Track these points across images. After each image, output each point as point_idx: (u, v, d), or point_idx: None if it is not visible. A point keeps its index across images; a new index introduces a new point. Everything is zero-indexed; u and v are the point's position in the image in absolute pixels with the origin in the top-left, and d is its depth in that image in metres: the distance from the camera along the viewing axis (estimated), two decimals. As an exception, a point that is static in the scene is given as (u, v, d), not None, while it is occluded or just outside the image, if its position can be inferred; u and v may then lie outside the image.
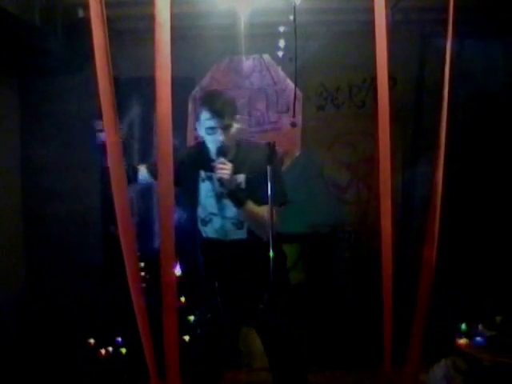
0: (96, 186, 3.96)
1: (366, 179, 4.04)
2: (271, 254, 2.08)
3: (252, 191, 2.23)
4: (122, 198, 1.69)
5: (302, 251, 3.85)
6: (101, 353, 3.29)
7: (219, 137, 2.22)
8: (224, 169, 2.16)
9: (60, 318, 3.56)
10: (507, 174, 3.76)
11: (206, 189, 2.34)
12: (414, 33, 3.86)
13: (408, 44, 3.84)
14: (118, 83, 1.70)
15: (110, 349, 3.31)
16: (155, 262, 1.73)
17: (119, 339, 3.34)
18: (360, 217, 4.03)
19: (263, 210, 2.20)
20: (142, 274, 3.22)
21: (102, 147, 2.09)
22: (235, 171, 2.21)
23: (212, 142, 2.27)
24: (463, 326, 3.01)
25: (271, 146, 2.14)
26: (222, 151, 2.23)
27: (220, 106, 2.22)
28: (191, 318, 3.25)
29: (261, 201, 2.20)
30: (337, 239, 4.07)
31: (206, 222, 2.37)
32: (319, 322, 3.62)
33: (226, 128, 2.23)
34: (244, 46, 3.15)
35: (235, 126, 2.28)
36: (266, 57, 3.28)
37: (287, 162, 3.32)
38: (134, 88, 3.79)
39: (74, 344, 3.35)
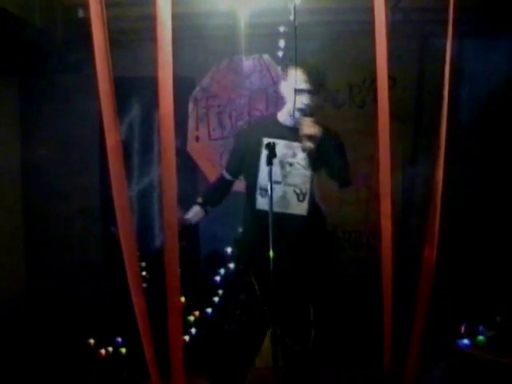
0: (96, 186, 3.96)
1: (366, 179, 4.03)
2: (271, 254, 2.07)
3: (320, 164, 2.28)
4: (122, 198, 1.69)
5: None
6: (101, 353, 3.29)
7: (305, 99, 2.28)
8: (314, 127, 2.20)
9: (60, 318, 3.56)
10: (507, 174, 3.76)
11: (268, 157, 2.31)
12: (414, 33, 3.85)
13: (408, 44, 3.84)
14: (118, 83, 1.70)
15: (110, 349, 3.31)
16: (156, 262, 1.73)
17: (119, 339, 3.34)
18: (360, 217, 4.03)
19: (329, 185, 2.27)
20: (143, 273, 3.22)
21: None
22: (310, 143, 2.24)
23: (297, 103, 2.29)
24: (463, 326, 3.01)
25: (271, 146, 2.15)
26: (306, 112, 2.28)
27: (315, 71, 2.31)
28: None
29: (328, 172, 2.27)
30: (337, 239, 4.08)
31: (266, 191, 2.27)
32: (319, 321, 3.61)
33: (313, 93, 2.30)
34: (244, 46, 3.16)
35: (317, 98, 2.34)
36: (266, 57, 3.29)
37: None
38: (135, 88, 3.79)
39: (73, 344, 3.35)
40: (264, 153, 2.26)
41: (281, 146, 2.28)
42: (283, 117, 2.40)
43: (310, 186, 2.32)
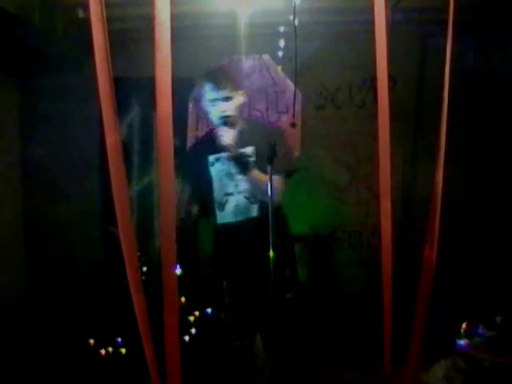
0: (96, 185, 3.96)
1: (366, 179, 4.03)
2: (271, 253, 2.07)
3: (261, 163, 2.27)
4: (122, 197, 1.69)
5: (302, 251, 3.85)
6: (101, 353, 3.29)
7: (221, 107, 2.32)
8: (229, 136, 2.26)
9: (60, 318, 3.56)
10: (508, 174, 3.76)
11: (216, 171, 2.39)
12: (414, 33, 3.86)
13: (408, 44, 3.84)
14: (118, 83, 1.70)
15: (110, 349, 3.31)
16: (155, 262, 1.73)
17: (119, 339, 3.34)
18: (360, 217, 4.03)
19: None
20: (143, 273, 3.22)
21: None
22: (244, 143, 2.30)
23: (216, 114, 2.34)
24: (463, 326, 3.01)
25: (271, 147, 2.15)
26: (225, 121, 2.32)
27: (220, 78, 2.33)
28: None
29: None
30: (337, 239, 4.08)
31: (222, 205, 2.40)
32: (319, 321, 3.61)
33: (226, 99, 2.33)
34: (244, 46, 3.15)
35: (236, 100, 2.37)
36: (266, 57, 3.28)
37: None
38: (134, 88, 3.79)
39: (74, 344, 3.35)
40: (215, 166, 2.36)
41: (223, 160, 2.35)
42: (218, 131, 2.42)
43: (258, 185, 2.33)
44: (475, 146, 3.82)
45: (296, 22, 2.39)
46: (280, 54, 3.33)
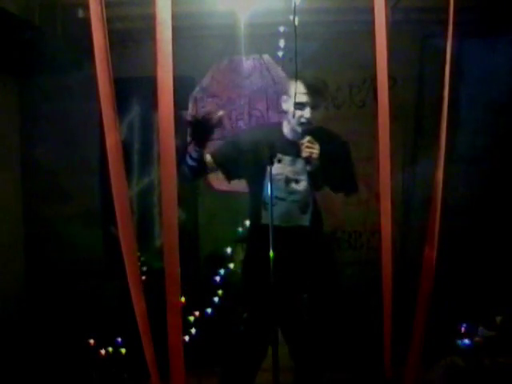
0: (96, 185, 3.95)
1: (366, 179, 4.03)
2: (271, 253, 2.07)
3: (322, 175, 2.25)
4: (121, 197, 1.69)
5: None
6: (101, 353, 3.29)
7: (307, 114, 2.23)
8: (313, 148, 2.15)
9: (60, 318, 3.56)
10: (508, 174, 3.76)
11: (274, 171, 2.24)
12: (414, 33, 3.85)
13: (408, 44, 3.83)
14: (118, 83, 1.70)
15: (110, 349, 3.31)
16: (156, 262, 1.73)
17: (119, 339, 3.34)
18: (360, 217, 4.02)
19: (333, 197, 2.29)
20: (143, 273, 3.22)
21: None
22: (297, 152, 2.23)
23: (298, 118, 2.24)
24: (463, 326, 3.01)
25: (271, 146, 2.15)
26: (307, 130, 2.23)
27: (316, 85, 2.26)
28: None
29: (332, 187, 2.30)
30: (337, 239, 4.07)
31: (270, 207, 2.28)
32: (319, 322, 3.61)
33: (315, 107, 2.25)
34: (244, 46, 3.15)
35: (322, 111, 2.32)
36: (266, 57, 3.29)
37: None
38: (135, 88, 3.79)
39: (73, 344, 3.35)
40: (276, 167, 2.25)
41: (286, 163, 2.27)
42: (287, 130, 2.36)
43: (313, 197, 2.33)
44: (475, 145, 3.82)
45: (296, 22, 2.38)
46: (280, 54, 3.33)
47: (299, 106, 2.23)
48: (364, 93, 4.03)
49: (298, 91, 2.22)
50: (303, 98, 2.22)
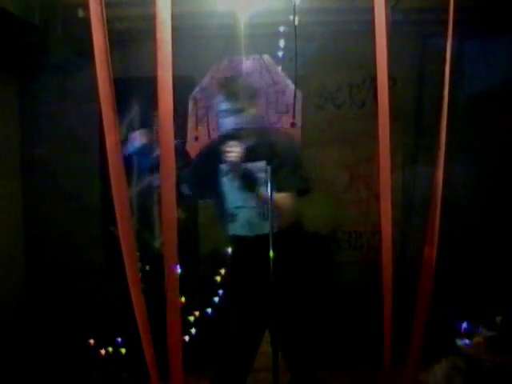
0: (96, 185, 3.96)
1: (366, 179, 4.04)
2: (271, 253, 2.07)
3: (277, 178, 2.17)
4: (121, 197, 1.69)
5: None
6: (101, 353, 3.29)
7: (231, 120, 2.21)
8: (232, 152, 2.11)
9: (60, 318, 3.56)
10: (508, 173, 3.77)
11: (228, 182, 2.27)
12: (414, 33, 3.85)
13: (408, 44, 3.84)
14: (118, 83, 1.70)
15: (110, 349, 3.31)
16: (156, 262, 1.73)
17: (119, 339, 3.34)
18: (360, 217, 4.03)
19: (281, 197, 2.16)
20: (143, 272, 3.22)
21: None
22: (256, 158, 2.19)
23: (225, 126, 2.24)
24: (463, 326, 3.01)
25: (271, 147, 2.15)
26: (234, 135, 2.19)
27: (233, 89, 2.23)
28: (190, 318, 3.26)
29: (282, 188, 2.17)
30: (337, 239, 4.08)
31: (233, 217, 2.31)
32: (319, 322, 3.61)
33: (238, 111, 2.21)
34: (244, 46, 3.15)
35: (250, 111, 2.26)
36: (266, 57, 3.28)
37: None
38: (135, 88, 3.79)
39: (74, 344, 3.35)
40: (224, 179, 2.27)
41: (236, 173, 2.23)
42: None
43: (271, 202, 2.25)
44: (475, 145, 3.82)
45: (296, 22, 2.38)
46: (280, 54, 3.33)
47: (224, 114, 2.23)
48: (364, 93, 4.03)
49: (218, 100, 2.25)
50: (224, 106, 2.23)
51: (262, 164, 2.20)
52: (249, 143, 2.20)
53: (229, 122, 2.22)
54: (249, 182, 2.15)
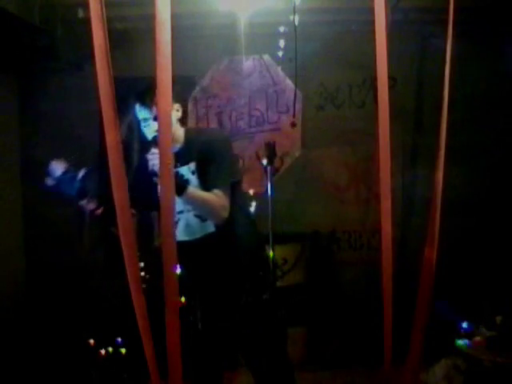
0: (96, 185, 3.95)
1: (366, 179, 4.04)
2: (271, 253, 2.08)
3: (204, 177, 2.18)
4: (122, 197, 1.69)
5: (301, 251, 3.85)
6: (101, 353, 3.29)
7: (152, 127, 2.20)
8: (154, 159, 2.12)
9: (60, 318, 3.56)
10: (507, 173, 3.77)
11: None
12: (414, 33, 3.86)
13: (408, 44, 3.84)
14: (118, 83, 1.70)
15: (110, 349, 3.31)
16: (155, 262, 1.73)
17: (119, 339, 3.34)
18: (360, 217, 4.03)
19: (208, 194, 2.15)
20: (142, 273, 3.22)
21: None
22: (185, 160, 2.19)
23: (148, 135, 2.24)
24: (463, 326, 3.01)
25: (271, 146, 2.15)
26: (154, 141, 2.17)
27: (148, 97, 2.22)
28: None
29: (212, 186, 2.16)
30: (337, 239, 4.08)
31: (175, 224, 2.25)
32: (319, 321, 3.62)
33: (156, 118, 2.18)
34: (244, 46, 3.15)
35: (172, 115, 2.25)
36: (266, 57, 3.29)
37: (287, 162, 3.32)
38: (135, 88, 3.78)
39: (73, 344, 3.35)
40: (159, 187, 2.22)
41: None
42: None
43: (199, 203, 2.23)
44: (475, 145, 3.82)
45: (296, 22, 2.39)
46: (280, 54, 3.33)
47: (143, 122, 2.25)
48: (364, 93, 4.03)
49: (137, 110, 2.27)
50: (142, 114, 2.26)
51: (192, 165, 2.20)
52: (178, 147, 2.21)
53: (150, 130, 2.22)
54: (177, 186, 2.08)
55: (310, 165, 3.94)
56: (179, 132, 2.27)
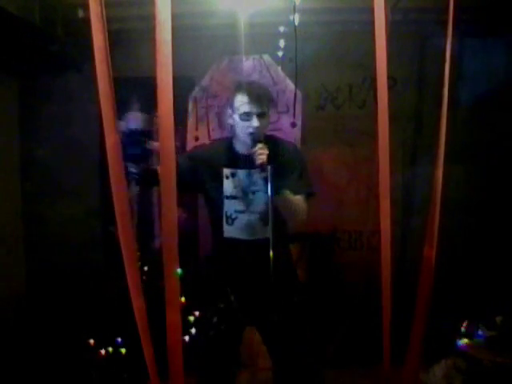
0: (96, 186, 3.96)
1: (366, 179, 4.03)
2: (271, 253, 2.08)
3: (281, 184, 2.20)
4: (121, 198, 1.69)
5: (302, 251, 3.85)
6: (101, 353, 3.29)
7: (254, 123, 2.19)
8: (264, 154, 2.12)
9: (60, 318, 3.56)
10: (508, 173, 3.77)
11: (230, 186, 2.29)
12: (414, 33, 3.85)
13: (408, 44, 3.84)
14: (117, 83, 1.70)
15: (110, 349, 3.31)
16: (155, 262, 1.73)
17: (119, 339, 3.34)
18: (360, 217, 4.03)
19: (297, 198, 2.24)
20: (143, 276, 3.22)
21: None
22: (254, 164, 2.19)
23: (246, 128, 2.21)
24: (463, 326, 3.01)
25: (271, 146, 2.16)
26: (256, 138, 2.18)
27: (258, 92, 2.23)
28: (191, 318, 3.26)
29: (295, 193, 2.24)
30: (337, 239, 4.08)
31: (232, 220, 2.31)
32: (319, 321, 3.61)
33: (261, 115, 2.21)
34: (244, 46, 3.15)
35: (268, 118, 2.28)
36: (266, 57, 3.28)
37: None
38: (134, 88, 3.79)
39: (74, 344, 3.35)
40: (226, 182, 2.27)
41: (241, 176, 2.27)
42: (238, 144, 2.33)
43: (274, 207, 2.23)
44: (475, 145, 3.82)
45: (296, 22, 2.39)
46: (280, 54, 3.33)
47: (244, 116, 2.20)
48: (364, 93, 4.03)
49: (239, 102, 2.21)
50: (247, 108, 2.19)
51: (268, 168, 2.17)
52: (260, 146, 2.19)
53: (252, 125, 2.19)
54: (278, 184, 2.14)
55: (310, 165, 3.93)
56: (263, 133, 2.26)
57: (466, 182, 3.74)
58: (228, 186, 2.30)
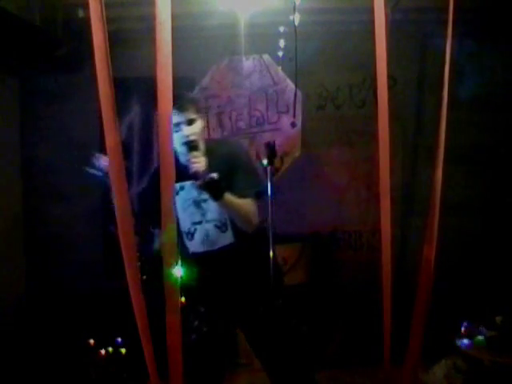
0: (96, 186, 3.95)
1: (366, 179, 4.04)
2: (271, 253, 2.08)
3: (229, 188, 2.16)
4: (122, 198, 1.69)
5: (302, 251, 3.85)
6: (101, 353, 3.29)
7: (185, 131, 2.17)
8: (198, 162, 2.09)
9: (60, 318, 3.57)
10: (508, 173, 3.77)
11: (182, 200, 2.26)
12: (414, 33, 3.86)
13: (408, 44, 3.84)
14: (117, 83, 1.70)
15: (110, 349, 3.31)
16: (155, 262, 1.73)
17: (119, 339, 3.34)
18: (360, 217, 4.03)
19: (244, 202, 2.16)
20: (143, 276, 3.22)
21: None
22: (208, 168, 2.14)
23: (179, 139, 2.19)
24: (463, 326, 3.01)
25: (271, 146, 2.15)
26: (191, 146, 2.16)
27: (180, 102, 2.17)
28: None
29: (242, 196, 2.17)
30: (337, 239, 4.08)
31: (191, 235, 2.29)
32: (319, 321, 3.62)
33: (190, 122, 2.19)
34: (244, 46, 3.15)
35: (199, 123, 2.24)
36: (266, 57, 3.29)
37: (287, 162, 3.32)
38: (135, 88, 3.79)
39: (74, 344, 3.35)
40: (178, 198, 2.20)
41: (189, 188, 2.23)
42: (180, 156, 2.24)
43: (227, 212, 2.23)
44: (476, 145, 3.82)
45: (296, 22, 2.39)
46: (280, 54, 3.33)
47: (175, 127, 2.14)
48: (364, 93, 4.03)
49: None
50: (175, 120, 2.11)
51: (214, 174, 2.12)
52: (201, 153, 2.18)
53: (183, 134, 2.17)
54: (215, 191, 2.09)
55: (310, 165, 3.94)
56: (199, 140, 2.23)
57: (466, 182, 3.75)
58: (179, 201, 2.25)
